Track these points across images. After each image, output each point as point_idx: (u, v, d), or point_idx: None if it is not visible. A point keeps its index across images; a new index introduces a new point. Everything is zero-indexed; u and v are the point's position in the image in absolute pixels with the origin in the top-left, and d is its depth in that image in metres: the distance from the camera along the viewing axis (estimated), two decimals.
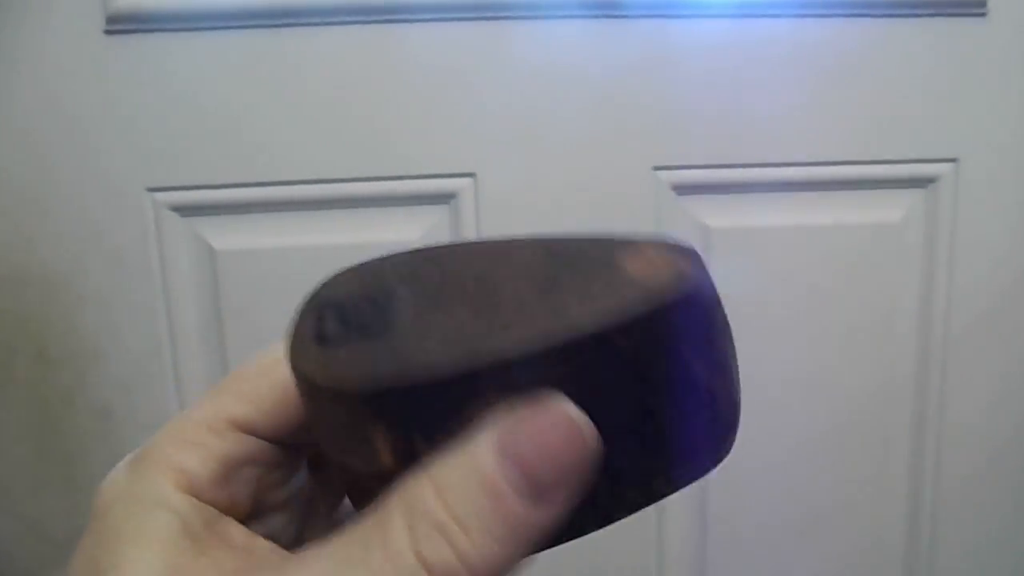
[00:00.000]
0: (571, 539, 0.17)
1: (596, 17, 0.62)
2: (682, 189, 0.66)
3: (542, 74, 0.63)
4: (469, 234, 0.65)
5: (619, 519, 0.18)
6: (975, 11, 0.63)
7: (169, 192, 0.63)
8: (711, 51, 0.63)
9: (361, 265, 0.18)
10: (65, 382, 0.64)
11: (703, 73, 0.64)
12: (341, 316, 0.17)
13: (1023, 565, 0.74)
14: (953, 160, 0.66)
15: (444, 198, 0.65)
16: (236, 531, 0.18)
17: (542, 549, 0.17)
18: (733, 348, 0.18)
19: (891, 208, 0.67)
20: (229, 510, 0.18)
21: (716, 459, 0.18)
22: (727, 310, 0.17)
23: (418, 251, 0.18)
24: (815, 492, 0.71)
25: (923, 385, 0.70)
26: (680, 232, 0.66)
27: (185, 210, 0.63)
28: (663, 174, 0.65)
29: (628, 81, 0.63)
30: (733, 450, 0.18)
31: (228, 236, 0.64)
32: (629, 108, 0.64)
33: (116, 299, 0.64)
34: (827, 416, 0.70)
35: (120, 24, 0.59)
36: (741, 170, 0.65)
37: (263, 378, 0.19)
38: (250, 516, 0.19)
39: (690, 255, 0.17)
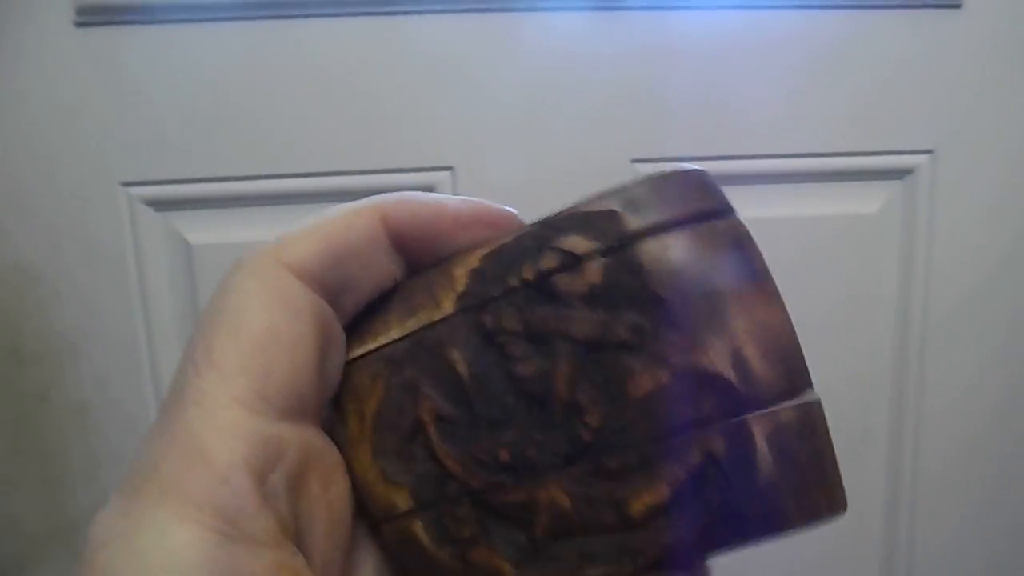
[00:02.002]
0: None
1: (574, 11, 0.62)
2: None
3: (519, 68, 0.62)
4: None
5: None
6: (950, 3, 0.63)
7: (143, 186, 0.62)
8: (688, 44, 0.63)
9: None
10: (40, 378, 0.64)
11: (680, 66, 0.63)
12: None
13: (1000, 554, 0.74)
14: (929, 152, 0.67)
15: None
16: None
17: None
18: None
19: (868, 199, 0.68)
20: (274, 530, 0.13)
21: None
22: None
23: None
24: None
25: (901, 375, 0.70)
26: None
27: (160, 204, 0.63)
28: (642, 167, 0.65)
29: (606, 74, 0.63)
30: None
31: (204, 230, 0.63)
32: (607, 101, 0.63)
33: (92, 294, 0.63)
34: None
35: (90, 16, 0.58)
36: (718, 162, 0.65)
37: (243, 330, 0.14)
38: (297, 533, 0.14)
39: None
